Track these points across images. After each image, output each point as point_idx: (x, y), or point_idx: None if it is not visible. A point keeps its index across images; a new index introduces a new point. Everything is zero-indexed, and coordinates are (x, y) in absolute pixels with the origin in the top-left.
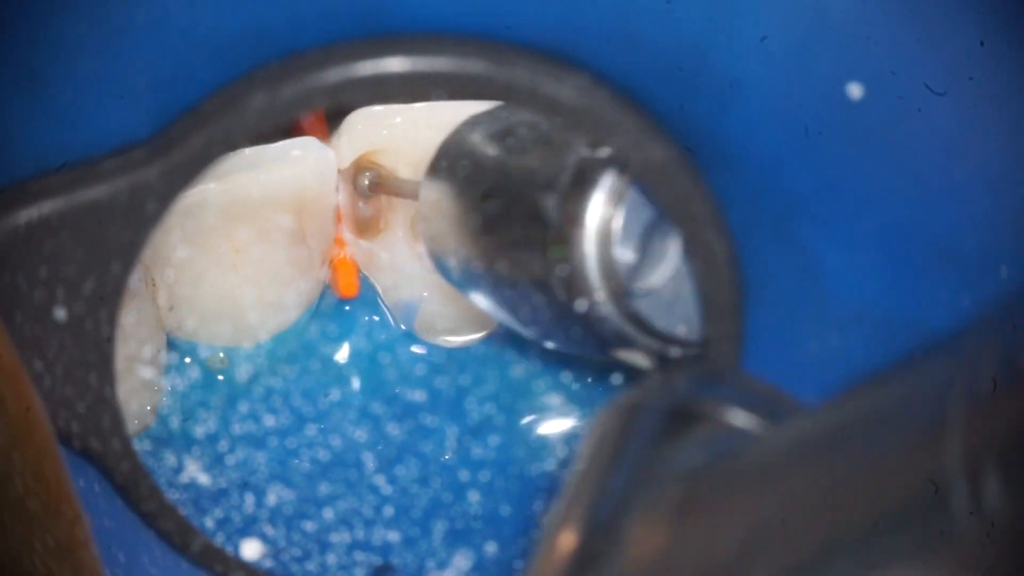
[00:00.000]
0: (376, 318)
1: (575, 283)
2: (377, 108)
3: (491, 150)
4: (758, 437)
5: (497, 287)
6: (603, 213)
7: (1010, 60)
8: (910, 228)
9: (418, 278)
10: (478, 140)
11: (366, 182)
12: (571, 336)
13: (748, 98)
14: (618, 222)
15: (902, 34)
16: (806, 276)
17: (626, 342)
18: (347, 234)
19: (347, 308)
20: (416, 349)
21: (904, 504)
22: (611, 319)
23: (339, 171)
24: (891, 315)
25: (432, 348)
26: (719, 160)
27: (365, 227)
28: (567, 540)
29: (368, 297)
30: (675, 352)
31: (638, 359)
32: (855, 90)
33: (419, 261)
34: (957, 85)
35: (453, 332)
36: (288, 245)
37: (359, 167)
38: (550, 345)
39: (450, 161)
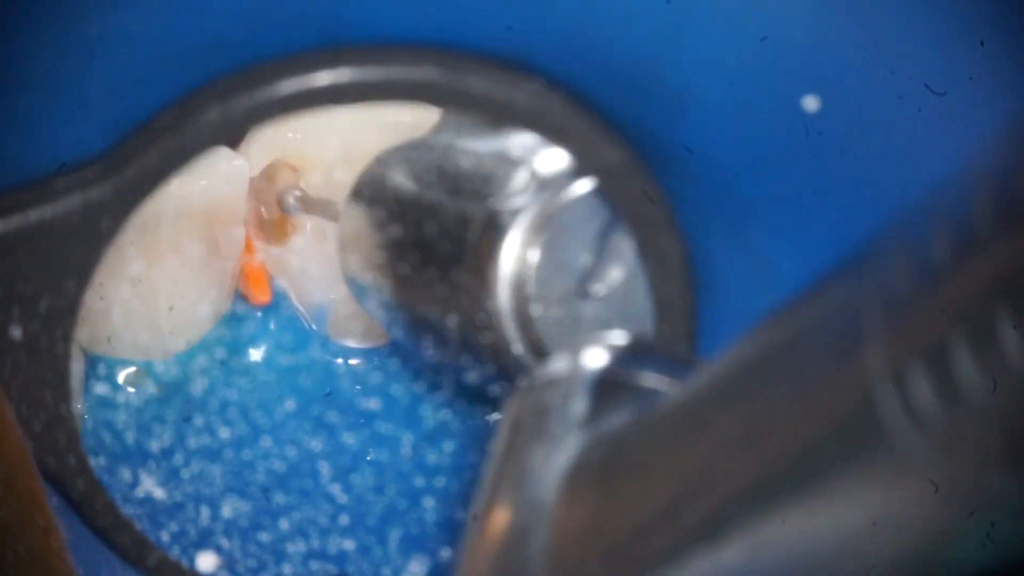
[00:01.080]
0: (289, 323)
1: (490, 326)
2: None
3: (408, 190)
4: (675, 390)
5: (409, 320)
6: (516, 263)
7: (1010, 60)
8: (864, 237)
9: (329, 281)
10: (398, 179)
11: (291, 200)
12: (477, 367)
13: (701, 108)
14: (531, 274)
15: (857, 45)
16: (759, 279)
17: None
18: (256, 240)
19: (259, 314)
20: (331, 353)
21: (833, 423)
22: (516, 348)
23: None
24: None
25: (346, 351)
26: (672, 165)
27: (273, 232)
28: (498, 519)
29: (279, 302)
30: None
31: None
32: (810, 103)
33: (329, 264)
34: (957, 85)
35: (366, 335)
36: (200, 256)
37: (281, 183)
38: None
39: (370, 194)
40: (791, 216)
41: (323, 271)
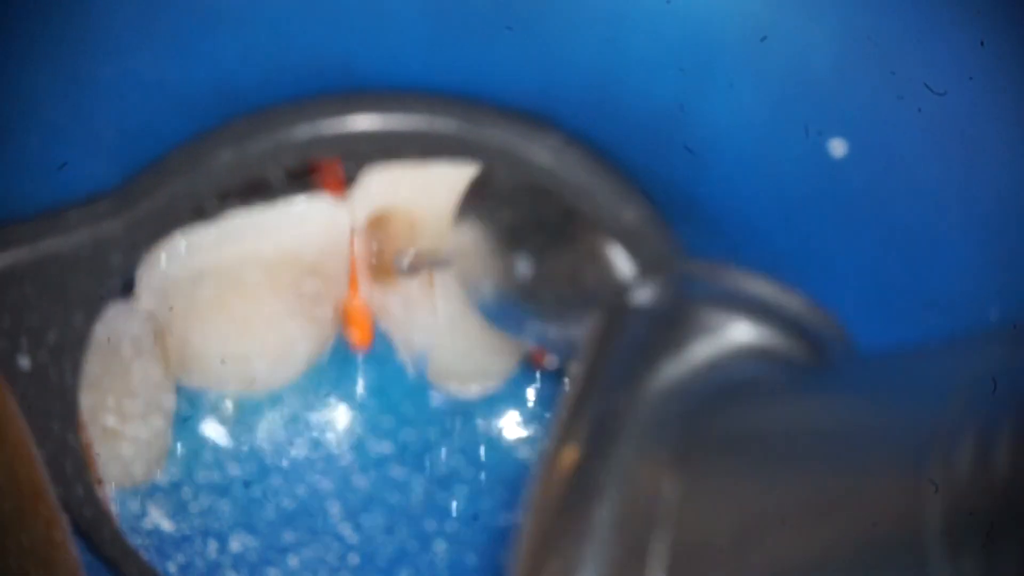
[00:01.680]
0: (391, 366)
1: (607, 278)
2: (391, 166)
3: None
4: (760, 391)
5: (531, 304)
6: None
7: (1010, 60)
8: (897, 282)
9: (432, 326)
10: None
11: (406, 262)
12: None
13: (724, 160)
14: None
15: (883, 90)
16: None
17: None
18: (361, 283)
19: (360, 358)
20: (433, 398)
21: (888, 543)
22: None
23: (353, 229)
24: None
25: (448, 398)
26: (695, 220)
27: (378, 275)
28: (568, 459)
29: (381, 346)
30: None
31: None
32: (838, 147)
33: (433, 310)
34: (957, 85)
35: (468, 380)
36: (302, 302)
37: (395, 238)
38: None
39: (476, 204)
40: (817, 267)
41: (428, 317)
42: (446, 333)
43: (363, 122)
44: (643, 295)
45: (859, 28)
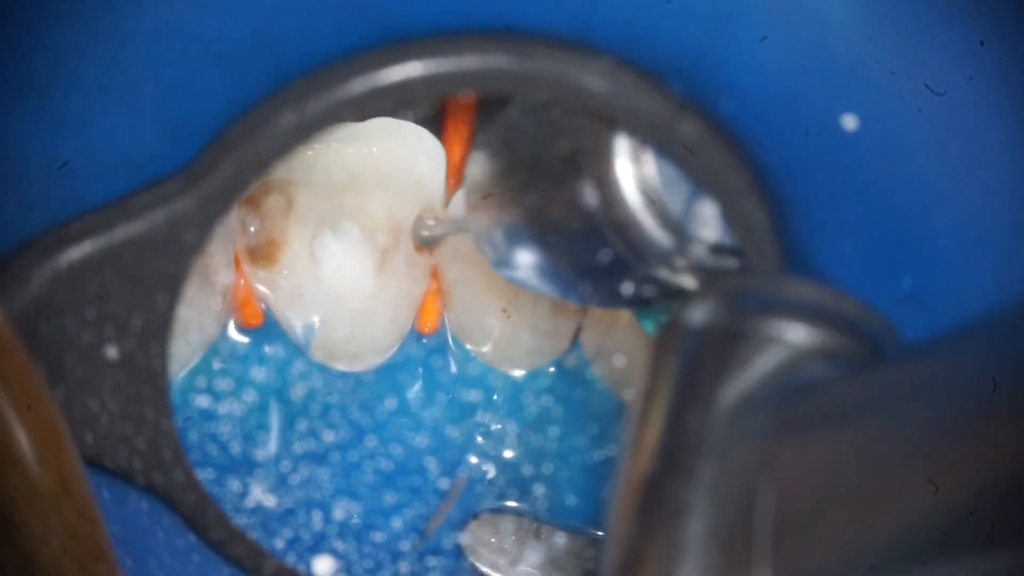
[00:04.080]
0: (278, 346)
1: (614, 204)
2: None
3: (525, 121)
4: (833, 376)
5: (542, 237)
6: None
7: (1010, 60)
8: (884, 267)
9: (318, 302)
10: (514, 116)
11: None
12: (615, 274)
13: (748, 107)
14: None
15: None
16: (797, 269)
17: (668, 259)
18: (244, 264)
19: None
20: (320, 374)
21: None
22: (652, 233)
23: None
24: None
25: (336, 373)
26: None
27: (261, 255)
28: (649, 479)
29: (271, 324)
30: (719, 262)
31: (684, 279)
32: (849, 121)
33: (319, 285)
34: (957, 85)
35: (355, 357)
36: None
37: (271, 223)
38: (584, 298)
39: (489, 137)
40: (828, 221)
41: (313, 292)
42: (333, 309)
43: (415, 68)
44: (700, 313)
45: (879, 11)
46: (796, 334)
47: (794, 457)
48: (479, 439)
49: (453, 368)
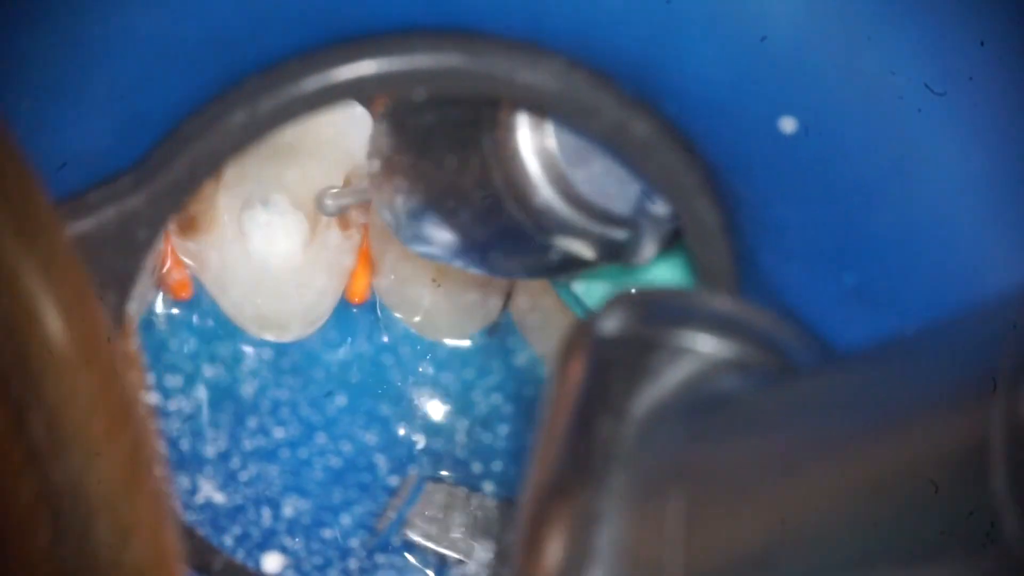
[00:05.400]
0: (208, 318)
1: (515, 175)
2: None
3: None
4: (741, 395)
5: (443, 212)
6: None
7: (1010, 60)
8: (831, 267)
9: (247, 273)
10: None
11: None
12: (518, 243)
13: (692, 108)
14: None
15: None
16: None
17: (570, 229)
18: (173, 236)
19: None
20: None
21: (951, 519)
22: (553, 205)
23: None
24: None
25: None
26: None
27: (187, 227)
28: (559, 488)
29: (199, 296)
30: (619, 235)
31: (582, 249)
32: (788, 124)
33: (248, 259)
34: (957, 85)
35: (284, 328)
36: None
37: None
38: (497, 270)
39: (388, 109)
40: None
41: (243, 263)
42: (263, 281)
43: (369, 67)
44: (610, 322)
45: (822, 9)
46: (708, 345)
47: (705, 464)
48: (409, 409)
49: (384, 338)
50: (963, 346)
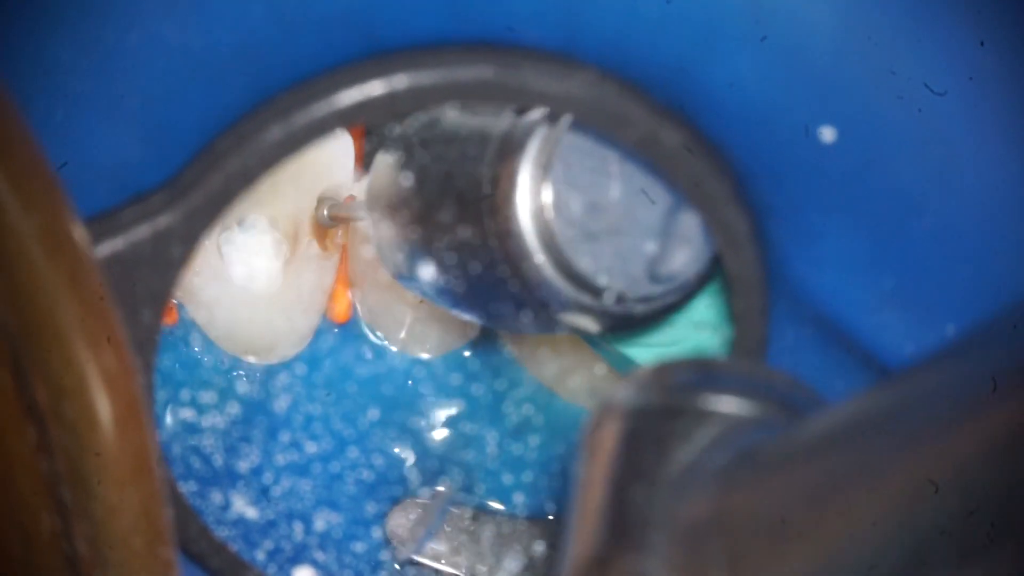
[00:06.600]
0: (192, 341)
1: (513, 249)
2: None
3: (423, 137)
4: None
5: (443, 269)
6: (532, 176)
7: (1010, 60)
8: (868, 273)
9: (228, 295)
10: (410, 131)
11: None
12: (518, 310)
13: (743, 101)
14: (548, 186)
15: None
16: (777, 275)
17: (571, 305)
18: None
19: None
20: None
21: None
22: (553, 282)
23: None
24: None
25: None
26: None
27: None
28: (601, 555)
29: (184, 321)
30: (619, 310)
31: (586, 323)
32: (827, 134)
33: (227, 278)
34: (957, 85)
35: (268, 350)
36: None
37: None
38: (500, 326)
39: (388, 153)
40: (805, 227)
41: (223, 285)
42: (244, 302)
43: (403, 80)
44: (634, 395)
45: (858, 20)
46: (731, 406)
47: (741, 512)
48: (399, 426)
49: (368, 355)
50: (1000, 347)
